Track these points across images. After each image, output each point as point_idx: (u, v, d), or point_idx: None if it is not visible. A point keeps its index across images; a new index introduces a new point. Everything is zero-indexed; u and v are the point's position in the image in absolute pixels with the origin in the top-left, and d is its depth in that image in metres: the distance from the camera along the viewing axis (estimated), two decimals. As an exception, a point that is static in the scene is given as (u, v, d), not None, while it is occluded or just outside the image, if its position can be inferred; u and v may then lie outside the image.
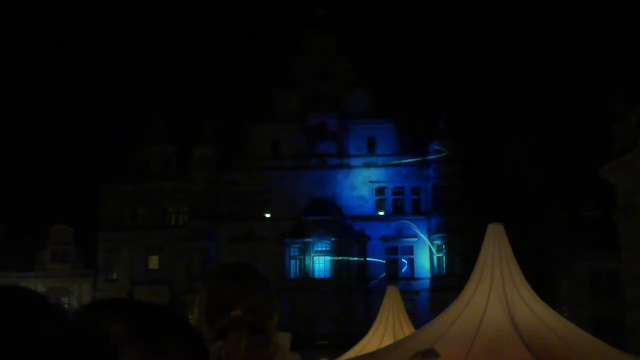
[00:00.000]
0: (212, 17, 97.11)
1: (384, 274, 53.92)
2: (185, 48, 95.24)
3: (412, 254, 55.11)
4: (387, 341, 16.16)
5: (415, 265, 54.87)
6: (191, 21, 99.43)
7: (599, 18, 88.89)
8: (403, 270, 55.05)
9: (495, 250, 12.06)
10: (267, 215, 56.73)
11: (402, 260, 55.27)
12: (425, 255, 54.51)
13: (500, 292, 11.56)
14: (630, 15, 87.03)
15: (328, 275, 53.64)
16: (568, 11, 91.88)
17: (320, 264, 54.03)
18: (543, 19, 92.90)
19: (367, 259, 54.41)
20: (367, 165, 56.16)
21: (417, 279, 53.87)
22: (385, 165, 55.90)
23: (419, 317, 49.57)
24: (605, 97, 49.87)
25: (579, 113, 74.77)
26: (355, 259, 54.26)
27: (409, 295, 49.32)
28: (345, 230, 54.42)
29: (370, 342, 17.28)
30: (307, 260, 54.17)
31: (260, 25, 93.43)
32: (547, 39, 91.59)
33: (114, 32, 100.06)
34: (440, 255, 53.93)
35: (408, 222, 55.15)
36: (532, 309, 11.40)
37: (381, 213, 55.94)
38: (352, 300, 53.12)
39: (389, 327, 17.55)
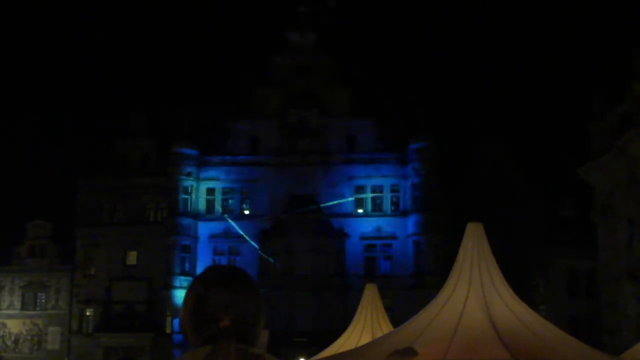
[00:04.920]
0: (193, 14, 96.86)
1: (363, 271, 53.97)
2: (166, 44, 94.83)
3: (391, 251, 55.17)
4: (366, 339, 16.18)
5: (394, 263, 54.95)
6: (172, 18, 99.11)
7: (579, 19, 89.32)
8: (382, 268, 55.13)
9: (474, 250, 12.10)
10: (247, 212, 56.69)
11: (381, 257, 55.34)
12: (404, 254, 54.58)
13: (478, 291, 11.60)
14: (609, 17, 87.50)
15: (307, 272, 53.58)
16: (548, 12, 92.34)
17: (299, 261, 53.96)
18: (523, 20, 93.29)
19: (346, 256, 54.44)
20: (347, 163, 56.19)
21: (396, 277, 53.94)
22: (364, 163, 55.94)
23: (397, 315, 49.58)
24: (584, 98, 50.18)
25: (558, 113, 75.16)
26: (334, 256, 54.26)
27: (387, 293, 49.31)
28: (325, 228, 54.42)
29: (349, 339, 17.27)
30: (286, 257, 54.10)
31: (241, 22, 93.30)
32: (527, 40, 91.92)
33: (94, 28, 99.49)
34: (419, 253, 54.01)
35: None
36: (510, 308, 11.44)
37: (360, 211, 55.99)
38: (330, 297, 53.12)
39: (367, 324, 17.55)
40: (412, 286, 52.91)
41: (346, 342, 17.15)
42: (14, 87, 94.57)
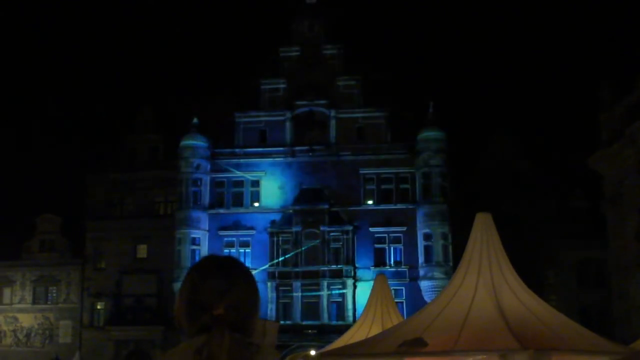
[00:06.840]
0: (200, 7, 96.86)
1: (372, 262, 53.95)
2: (173, 38, 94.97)
3: (401, 242, 55.11)
4: (376, 330, 16.18)
5: (404, 254, 54.87)
6: (179, 11, 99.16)
7: (587, 11, 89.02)
8: (391, 259, 55.08)
9: (484, 239, 12.07)
10: (256, 205, 56.67)
11: (391, 249, 55.28)
12: (414, 244, 54.51)
13: (488, 281, 11.59)
14: (617, 8, 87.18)
15: (316, 264, 53.64)
16: (557, 4, 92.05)
17: (309, 253, 54.01)
18: (532, 12, 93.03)
19: (355, 247, 54.41)
20: (356, 154, 56.08)
21: (406, 267, 53.90)
22: (373, 154, 55.83)
23: (407, 306, 49.89)
24: (592, 89, 50.06)
25: (567, 104, 74.97)
26: (344, 247, 54.25)
27: (397, 284, 49.47)
28: (334, 220, 54.40)
29: (359, 331, 17.28)
30: (296, 250, 54.15)
31: (249, 14, 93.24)
32: (535, 32, 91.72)
33: (102, 23, 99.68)
34: (429, 244, 53.94)
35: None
36: (519, 298, 11.43)
37: (370, 202, 55.90)
38: (340, 289, 53.16)
39: (377, 316, 17.55)
40: (421, 277, 52.90)
41: (356, 333, 17.15)
42: (24, 83, 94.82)
